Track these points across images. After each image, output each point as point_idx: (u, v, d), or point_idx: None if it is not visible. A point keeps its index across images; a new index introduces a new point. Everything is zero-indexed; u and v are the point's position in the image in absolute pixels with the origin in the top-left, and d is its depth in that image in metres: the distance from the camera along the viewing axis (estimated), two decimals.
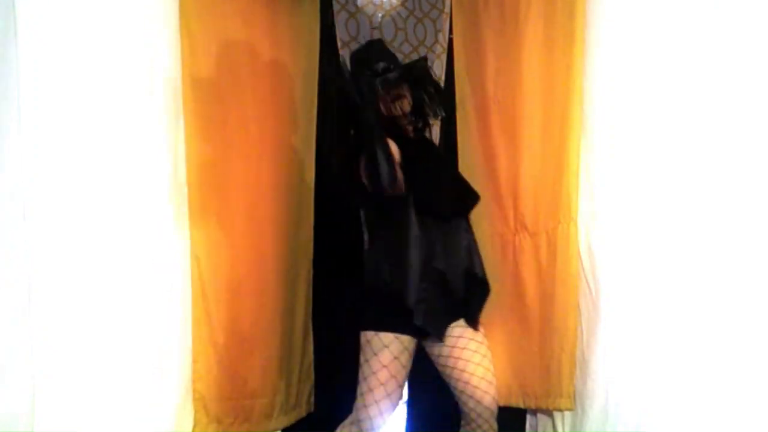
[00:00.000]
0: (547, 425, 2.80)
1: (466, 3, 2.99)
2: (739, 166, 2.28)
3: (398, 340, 2.41)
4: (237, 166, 2.67)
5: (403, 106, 2.50)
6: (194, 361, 2.55)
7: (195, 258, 2.54)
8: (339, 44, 2.94)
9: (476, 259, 2.55)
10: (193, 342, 2.54)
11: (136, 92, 2.39)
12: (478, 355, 2.54)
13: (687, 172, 2.37)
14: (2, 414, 2.08)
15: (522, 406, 2.79)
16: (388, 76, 2.43)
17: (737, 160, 2.28)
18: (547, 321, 2.68)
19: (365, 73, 2.44)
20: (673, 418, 2.37)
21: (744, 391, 2.24)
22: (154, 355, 2.42)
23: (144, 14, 2.41)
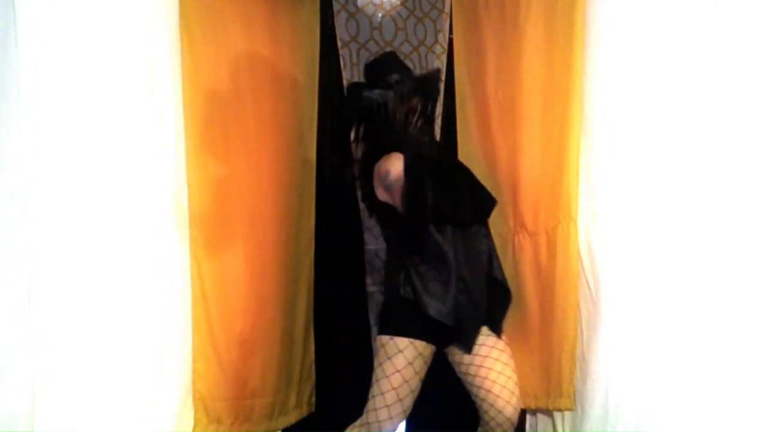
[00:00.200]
0: (547, 425, 2.80)
1: (466, 3, 2.99)
2: (739, 166, 2.28)
3: (413, 345, 2.40)
4: (237, 166, 2.67)
5: (414, 117, 2.50)
6: (194, 361, 2.55)
7: (195, 258, 2.54)
8: (339, 44, 2.94)
9: (496, 264, 2.55)
10: (193, 342, 2.55)
11: (136, 92, 2.39)
12: (499, 363, 2.52)
13: (687, 172, 2.37)
14: (2, 414, 2.09)
15: (522, 406, 2.79)
16: (403, 90, 2.45)
17: (737, 160, 2.28)
18: (547, 321, 2.68)
19: (378, 85, 2.45)
20: (673, 418, 2.37)
21: (744, 391, 2.24)
22: (154, 355, 2.43)
23: (144, 14, 2.41)
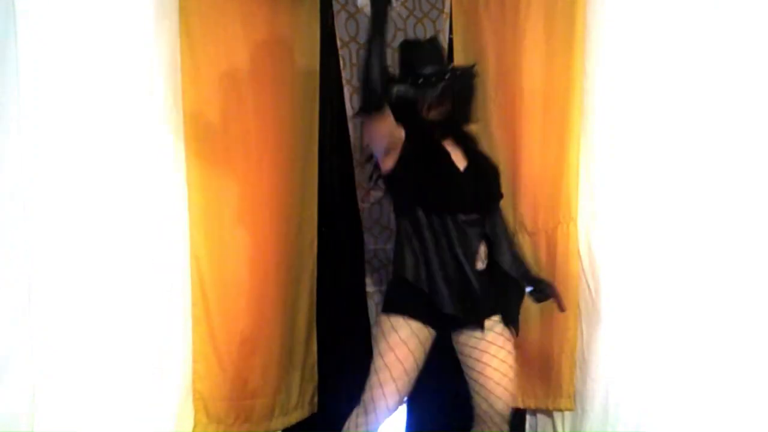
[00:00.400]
0: (547, 425, 2.80)
1: (466, 3, 2.99)
2: (738, 166, 2.29)
3: (408, 324, 2.34)
4: (238, 166, 2.67)
5: (442, 112, 2.45)
6: (194, 361, 2.55)
7: (195, 258, 2.54)
8: (339, 44, 2.94)
9: (506, 257, 2.42)
10: (193, 342, 2.55)
11: (136, 92, 2.39)
12: (497, 359, 2.44)
13: (687, 172, 2.37)
14: (2, 414, 2.09)
15: (522, 406, 2.79)
16: (435, 90, 2.38)
17: (737, 160, 2.29)
18: (546, 321, 2.68)
19: (410, 77, 2.39)
20: (673, 418, 2.37)
21: (744, 391, 2.25)
22: (155, 355, 2.43)
23: (144, 14, 2.41)
